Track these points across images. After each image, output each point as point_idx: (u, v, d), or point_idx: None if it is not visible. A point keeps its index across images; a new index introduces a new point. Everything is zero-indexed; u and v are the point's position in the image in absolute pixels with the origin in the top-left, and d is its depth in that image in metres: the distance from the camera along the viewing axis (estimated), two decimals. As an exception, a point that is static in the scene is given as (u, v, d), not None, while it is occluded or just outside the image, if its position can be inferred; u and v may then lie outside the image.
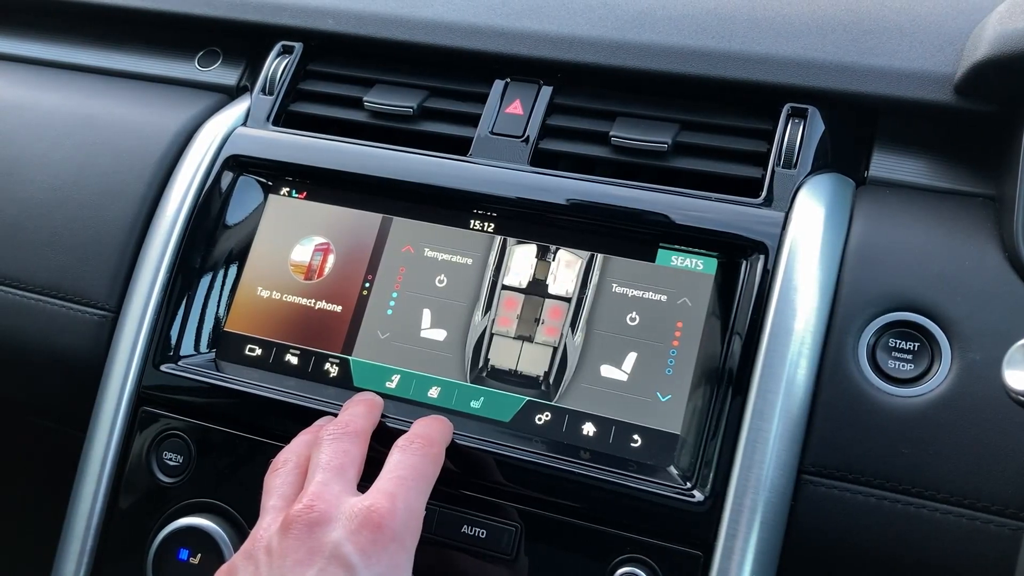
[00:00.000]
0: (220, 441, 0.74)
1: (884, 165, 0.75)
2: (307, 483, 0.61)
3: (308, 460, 0.63)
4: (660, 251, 0.71)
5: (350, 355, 0.74)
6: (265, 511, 0.61)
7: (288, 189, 0.80)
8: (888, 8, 0.78)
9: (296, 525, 0.57)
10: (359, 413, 0.67)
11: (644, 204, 0.72)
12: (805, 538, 0.64)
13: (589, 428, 0.68)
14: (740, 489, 0.63)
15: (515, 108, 0.80)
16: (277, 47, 0.88)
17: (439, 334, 0.73)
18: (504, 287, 0.73)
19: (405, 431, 0.66)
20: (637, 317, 0.70)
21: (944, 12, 0.76)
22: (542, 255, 0.73)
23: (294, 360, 0.75)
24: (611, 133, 0.76)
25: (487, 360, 0.72)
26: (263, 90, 0.86)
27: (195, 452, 0.74)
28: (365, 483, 0.61)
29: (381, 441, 0.66)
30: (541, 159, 0.78)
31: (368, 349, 0.74)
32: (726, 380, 0.66)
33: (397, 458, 0.62)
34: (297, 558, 0.55)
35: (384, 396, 0.71)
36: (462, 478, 0.68)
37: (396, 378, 0.73)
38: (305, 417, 0.71)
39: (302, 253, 0.77)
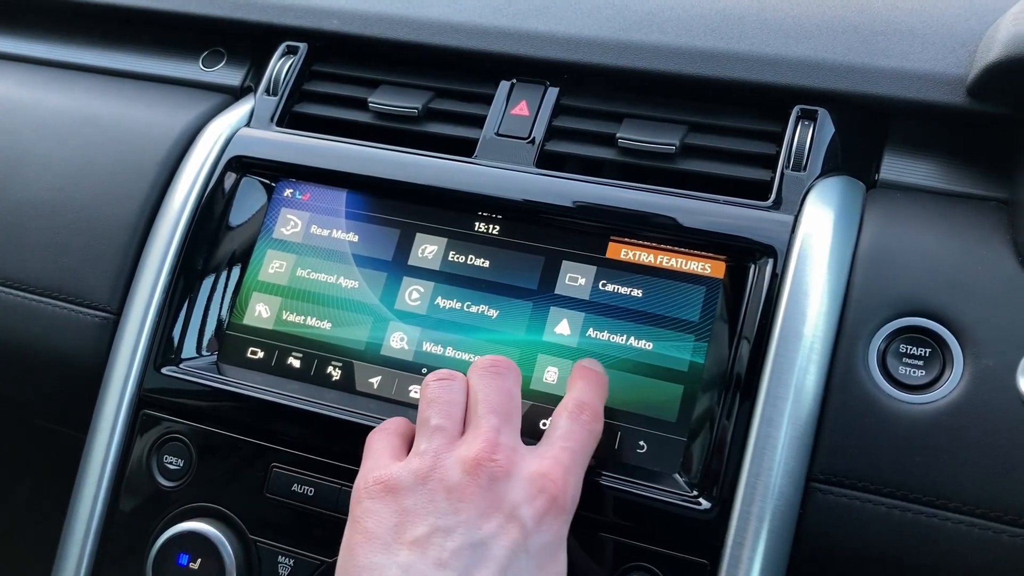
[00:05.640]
0: (221, 445, 0.73)
1: (895, 168, 0.74)
2: (475, 419, 0.60)
3: (468, 383, 0.63)
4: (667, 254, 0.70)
5: (353, 358, 0.73)
6: (430, 429, 0.60)
7: (292, 190, 0.79)
8: (900, 9, 0.77)
9: (482, 474, 0.56)
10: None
11: (651, 207, 0.71)
12: (814, 546, 0.63)
13: (594, 433, 0.67)
14: (747, 497, 0.62)
15: (521, 109, 0.79)
16: (281, 47, 0.87)
17: (443, 336, 0.72)
18: (511, 290, 0.72)
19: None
20: (644, 321, 0.69)
21: (957, 13, 0.75)
22: (550, 261, 0.72)
23: (296, 363, 0.74)
24: (618, 135, 0.75)
25: (491, 364, 0.70)
26: (267, 91, 0.85)
27: (196, 456, 0.73)
28: None
29: None
30: (547, 161, 0.77)
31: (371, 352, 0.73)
32: (734, 386, 0.65)
33: (567, 427, 0.61)
34: (479, 510, 0.55)
35: (390, 401, 0.71)
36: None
37: (397, 381, 0.72)
38: (308, 421, 0.70)
39: (305, 255, 0.76)
